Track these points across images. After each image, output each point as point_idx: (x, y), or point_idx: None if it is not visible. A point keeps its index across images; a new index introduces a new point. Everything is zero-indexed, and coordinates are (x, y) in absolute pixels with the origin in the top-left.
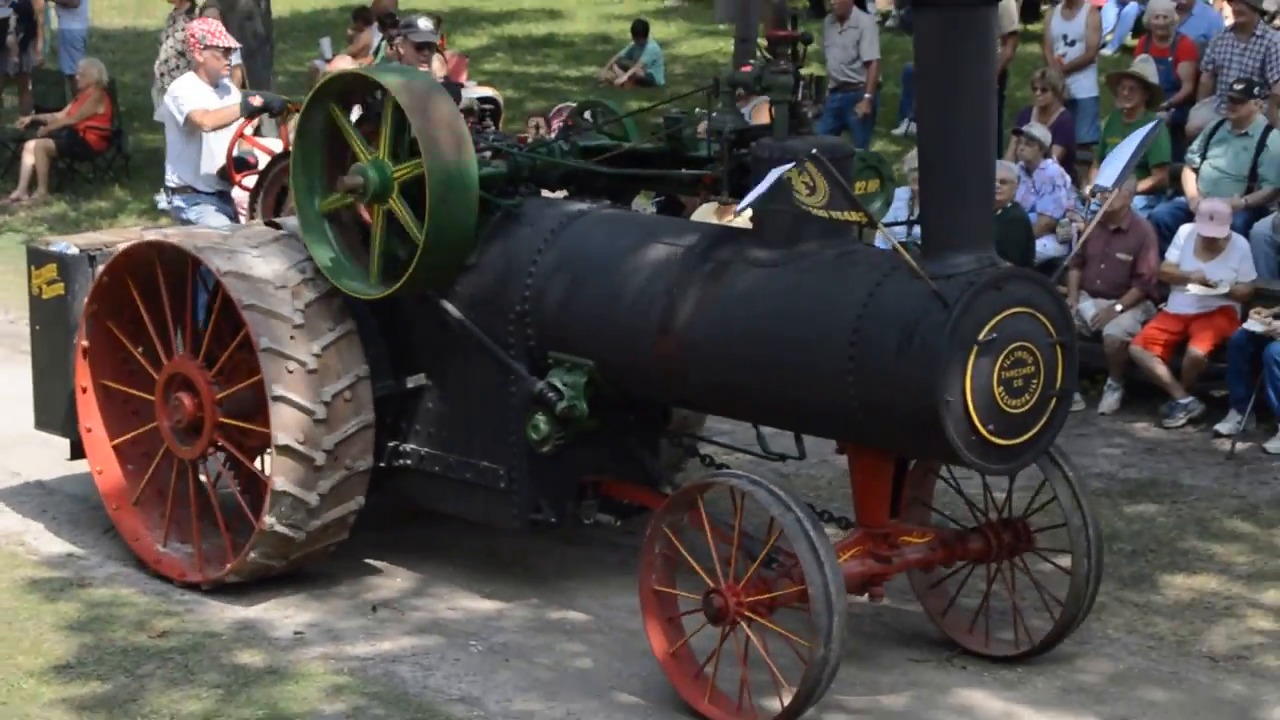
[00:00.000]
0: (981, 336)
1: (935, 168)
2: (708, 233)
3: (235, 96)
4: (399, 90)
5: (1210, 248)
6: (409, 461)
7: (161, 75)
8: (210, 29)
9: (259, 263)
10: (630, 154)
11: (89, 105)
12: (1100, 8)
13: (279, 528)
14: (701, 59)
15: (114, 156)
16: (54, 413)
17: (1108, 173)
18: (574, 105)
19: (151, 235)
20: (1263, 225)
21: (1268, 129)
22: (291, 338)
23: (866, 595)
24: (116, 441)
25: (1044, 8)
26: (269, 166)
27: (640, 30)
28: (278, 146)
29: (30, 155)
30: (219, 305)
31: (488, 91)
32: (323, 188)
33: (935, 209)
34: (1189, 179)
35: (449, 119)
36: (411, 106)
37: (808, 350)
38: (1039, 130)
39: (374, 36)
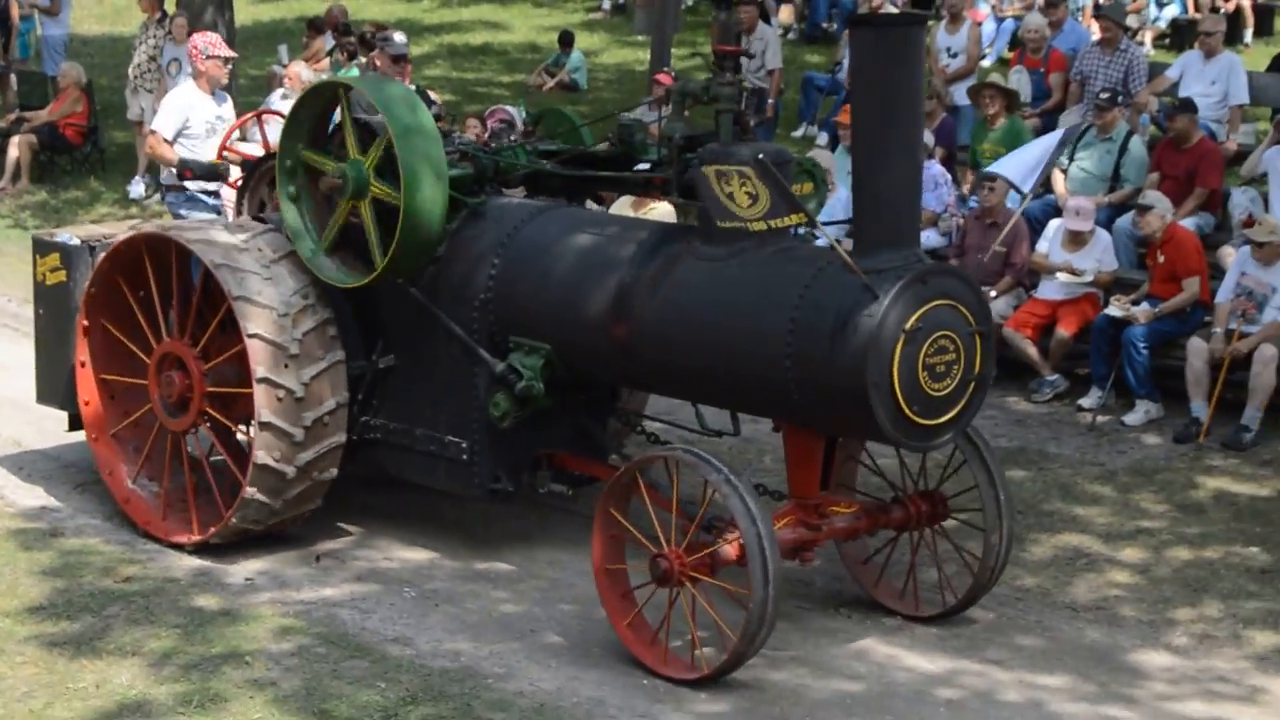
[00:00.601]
0: (908, 326)
1: (868, 172)
2: (656, 229)
3: (218, 104)
4: (384, 102)
5: (1076, 240)
6: (379, 435)
7: (135, 78)
8: (211, 40)
9: (245, 256)
10: (584, 156)
11: (68, 104)
12: (980, 23)
13: (259, 496)
14: (621, 67)
15: (90, 151)
16: (55, 388)
17: (1020, 177)
18: (508, 108)
19: (148, 228)
20: (1124, 221)
21: (1129, 134)
22: (276, 325)
23: (798, 560)
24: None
25: (930, 24)
26: (254, 168)
27: (566, 40)
28: (259, 152)
29: (14, 149)
30: (201, 291)
31: (429, 95)
32: (306, 189)
33: (867, 210)
34: (1058, 179)
35: (428, 129)
36: (399, 132)
37: (749, 337)
38: (930, 136)
39: (326, 43)
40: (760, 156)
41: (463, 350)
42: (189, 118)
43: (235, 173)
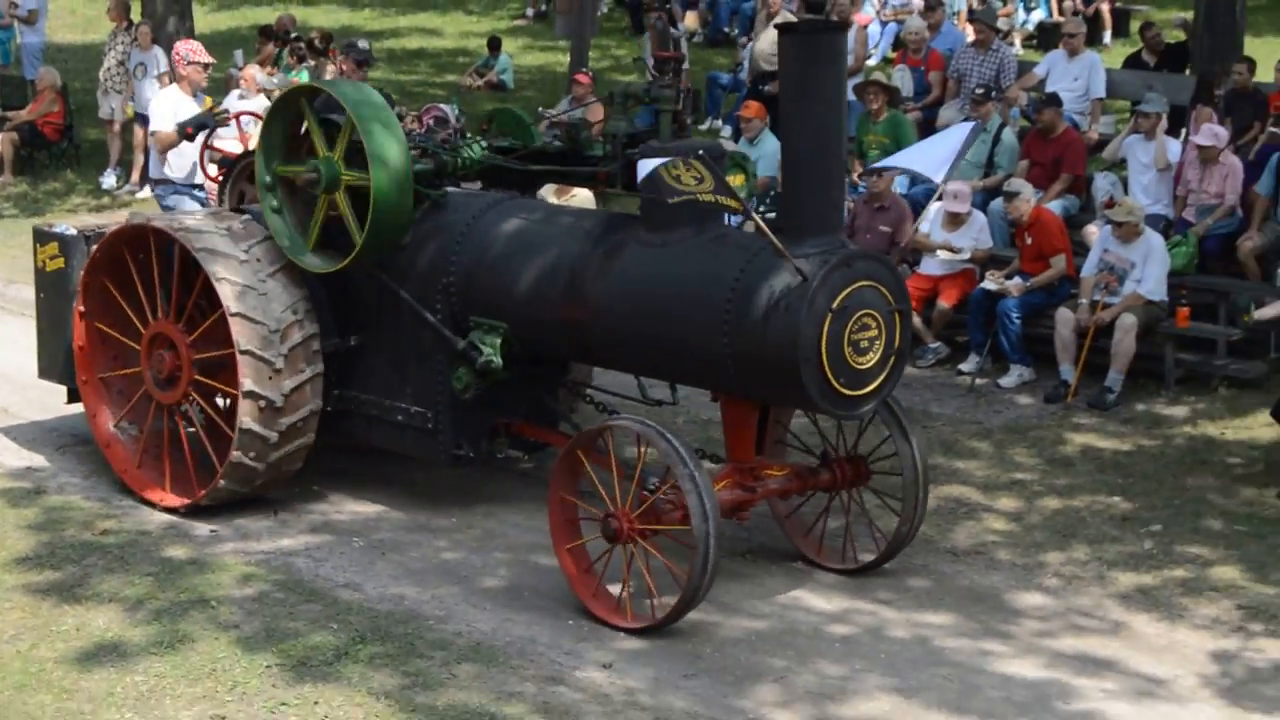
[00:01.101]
0: (835, 305)
1: (796, 166)
2: (602, 218)
3: (199, 107)
4: (355, 106)
5: (954, 221)
6: (352, 406)
7: (104, 80)
8: (192, 48)
9: (226, 241)
10: (535, 152)
11: (46, 105)
12: (866, 26)
13: (246, 459)
14: (543, 68)
15: (66, 147)
16: (54, 364)
17: (932, 168)
18: (443, 105)
19: (139, 220)
20: (997, 203)
21: (1001, 126)
22: (257, 304)
23: (735, 518)
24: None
25: None
26: (234, 164)
27: (494, 44)
28: (238, 148)
29: None
30: (179, 272)
31: (390, 96)
32: (285, 197)
33: (796, 200)
34: None
35: (393, 132)
36: (364, 121)
37: (690, 317)
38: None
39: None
40: (700, 152)
41: (428, 329)
42: (177, 116)
43: (232, 126)
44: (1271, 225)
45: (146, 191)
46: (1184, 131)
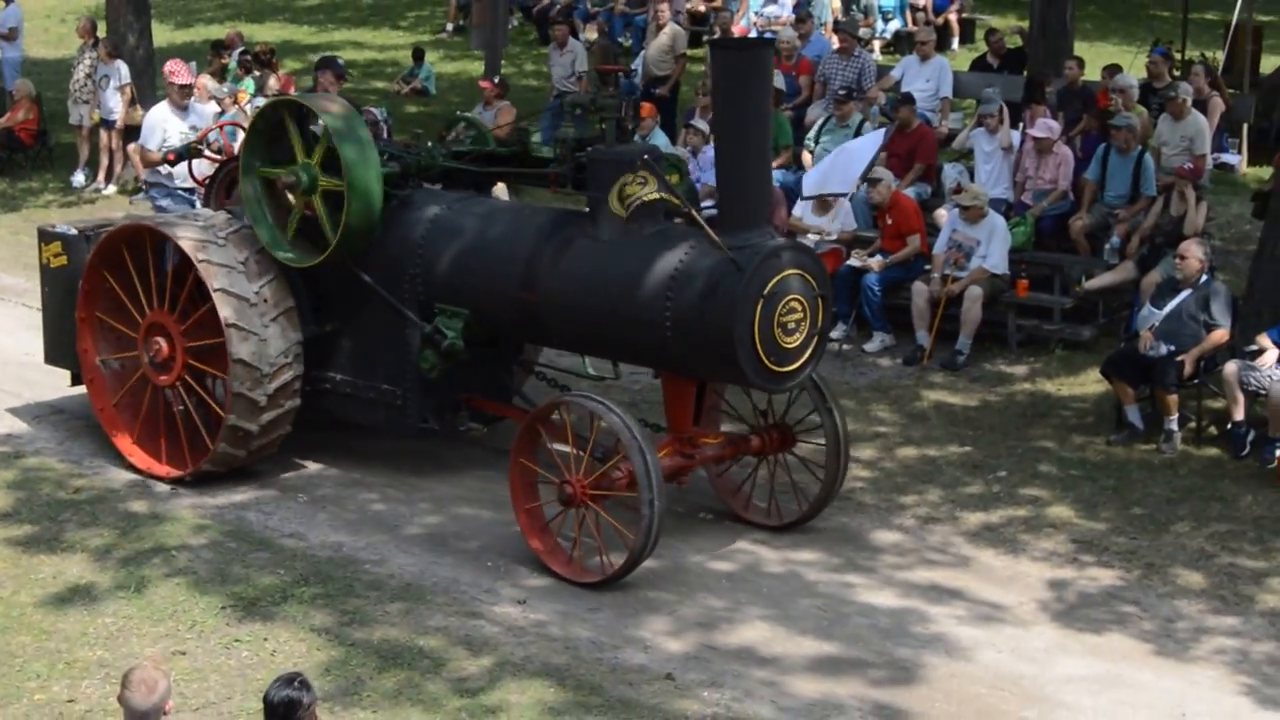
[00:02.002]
0: (765, 291)
1: (728, 167)
2: (554, 216)
3: (182, 122)
4: (332, 119)
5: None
6: (327, 385)
7: (74, 91)
8: (173, 69)
9: (209, 231)
10: (489, 155)
11: (22, 113)
12: (745, 36)
13: (239, 422)
14: (460, 75)
15: (40, 150)
16: (59, 351)
17: (846, 183)
18: (373, 109)
19: (132, 221)
20: (862, 191)
21: (861, 122)
22: (239, 279)
23: (676, 482)
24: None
25: (705, 37)
26: (219, 168)
27: (418, 55)
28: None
29: None
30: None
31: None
32: (265, 194)
33: (728, 197)
34: (807, 157)
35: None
36: (339, 131)
37: (635, 303)
38: (702, 124)
39: (232, 59)
40: (645, 158)
41: (396, 315)
42: (166, 131)
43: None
44: (1099, 207)
45: (112, 189)
46: (1021, 125)
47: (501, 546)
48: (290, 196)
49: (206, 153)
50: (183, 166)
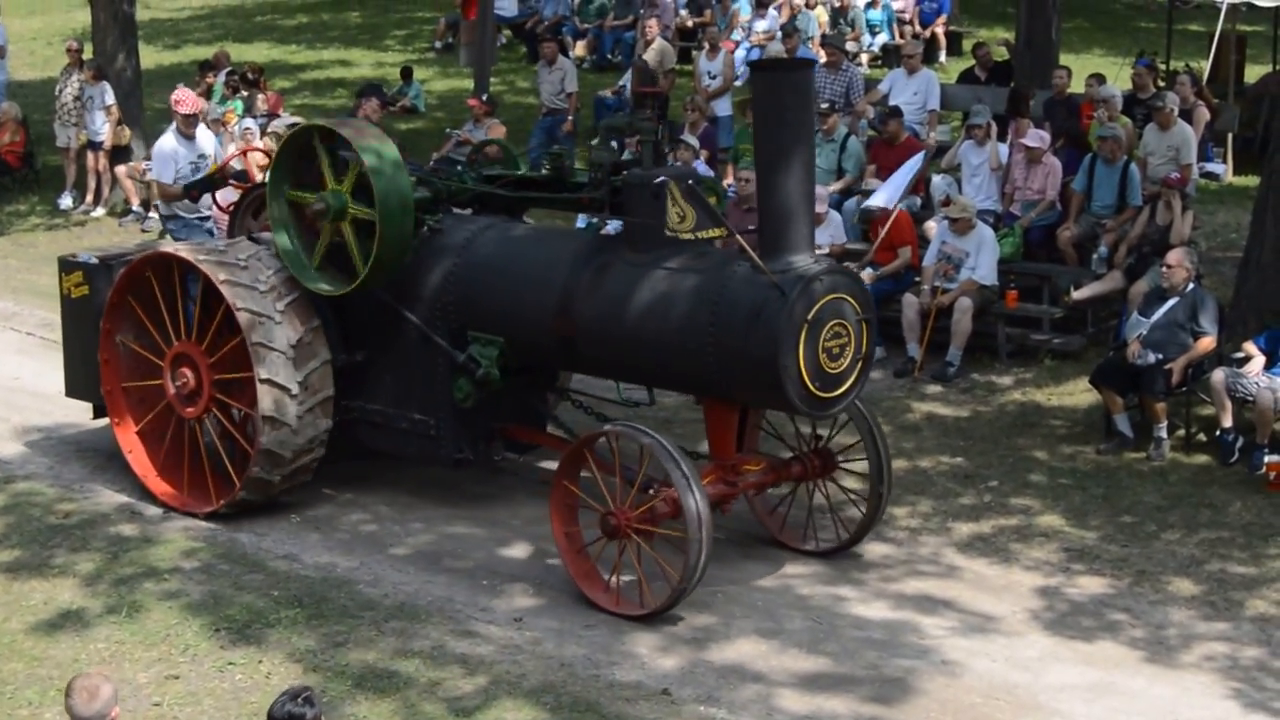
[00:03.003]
0: (810, 317)
1: (771, 190)
2: (588, 240)
3: (191, 151)
4: (367, 153)
5: (815, 220)
6: (357, 415)
7: (60, 113)
8: (178, 98)
9: (227, 257)
10: (522, 180)
11: (9, 135)
12: (733, 51)
13: (272, 447)
14: (449, 93)
15: (27, 172)
16: (81, 383)
17: (883, 195)
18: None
19: (167, 249)
20: (850, 204)
21: (847, 135)
22: (261, 296)
23: (719, 510)
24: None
25: (694, 53)
26: (243, 197)
27: (406, 73)
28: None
29: None
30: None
31: (296, 119)
32: (292, 220)
33: (772, 221)
34: None
35: (398, 169)
36: (372, 160)
37: (677, 329)
38: (691, 139)
39: (219, 79)
40: (690, 181)
41: (429, 344)
42: (177, 161)
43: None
44: (1086, 217)
45: (100, 211)
46: (1008, 137)
47: (495, 565)
48: (319, 223)
49: (231, 182)
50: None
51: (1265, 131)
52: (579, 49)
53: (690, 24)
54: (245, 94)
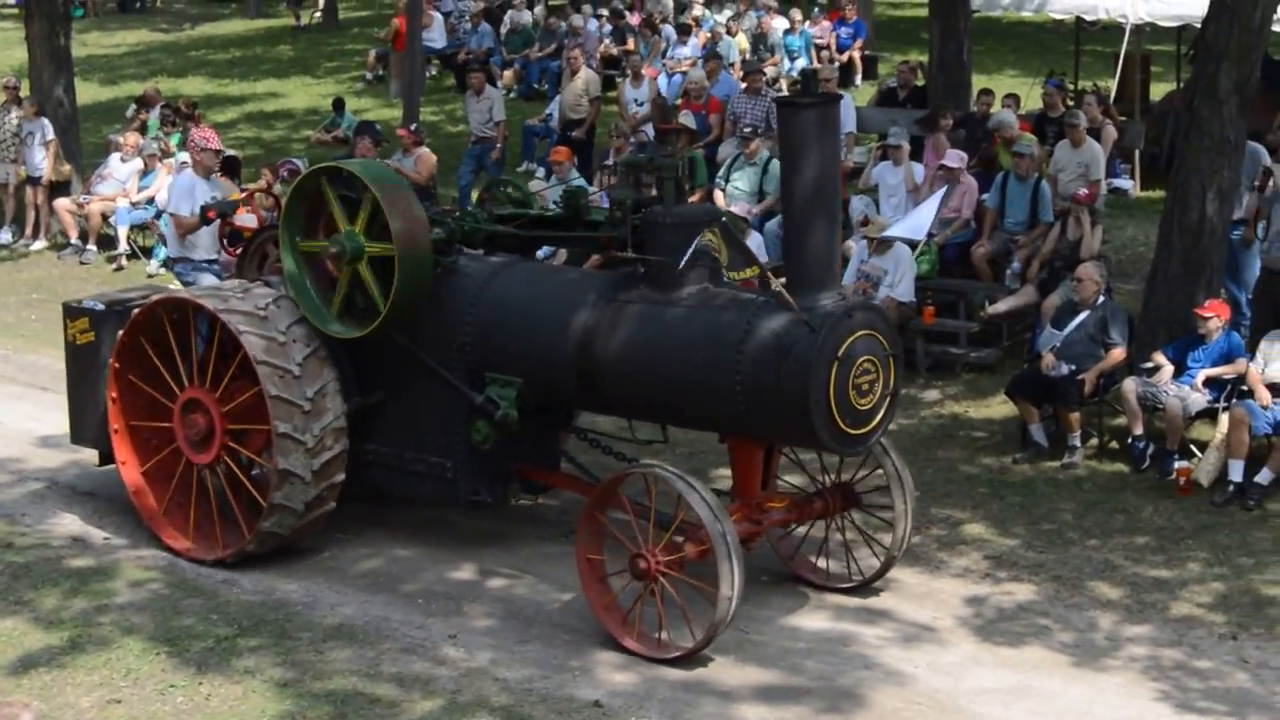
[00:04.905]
0: (839, 353)
1: (796, 225)
2: (607, 278)
3: (211, 188)
4: (379, 188)
5: None
6: (372, 457)
7: (1, 149)
8: (205, 135)
9: (245, 305)
10: (537, 219)
11: None
12: (656, 79)
13: (285, 501)
14: (380, 123)
15: None
16: (86, 430)
17: (912, 231)
18: (294, 160)
19: (177, 293)
20: (772, 224)
21: (769, 158)
22: (280, 348)
23: (745, 549)
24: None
25: (618, 80)
26: (251, 239)
27: (338, 105)
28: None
29: None
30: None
31: (231, 151)
32: (306, 267)
33: (799, 258)
34: (719, 196)
35: (413, 208)
36: (389, 205)
37: (702, 367)
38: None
39: (153, 115)
40: (724, 219)
41: (446, 385)
42: (194, 198)
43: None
44: (999, 234)
45: (41, 244)
46: (923, 157)
47: (442, 588)
48: (334, 268)
49: (243, 208)
50: (205, 236)
51: (1170, 148)
52: (506, 78)
53: (615, 52)
54: (181, 127)
